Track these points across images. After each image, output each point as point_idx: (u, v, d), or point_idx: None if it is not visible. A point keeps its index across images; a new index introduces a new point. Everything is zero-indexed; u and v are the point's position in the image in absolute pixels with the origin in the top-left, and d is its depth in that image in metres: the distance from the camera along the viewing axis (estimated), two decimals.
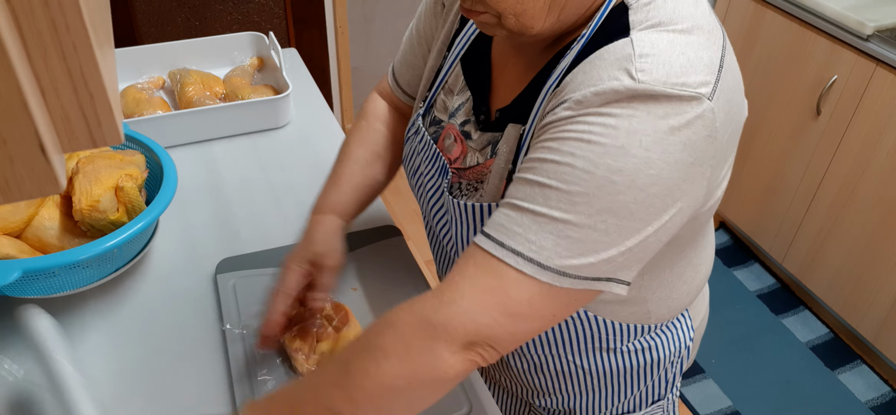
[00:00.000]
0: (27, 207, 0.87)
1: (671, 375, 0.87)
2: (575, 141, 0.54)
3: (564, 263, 0.55)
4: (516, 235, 0.56)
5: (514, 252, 0.55)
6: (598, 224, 0.54)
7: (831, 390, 1.98)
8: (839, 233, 2.03)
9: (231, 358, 0.83)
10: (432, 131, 0.78)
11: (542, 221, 0.55)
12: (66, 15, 0.26)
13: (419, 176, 0.79)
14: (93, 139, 0.30)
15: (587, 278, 0.56)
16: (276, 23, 2.57)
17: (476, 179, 0.71)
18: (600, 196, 0.53)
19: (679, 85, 0.53)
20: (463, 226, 0.70)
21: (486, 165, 0.69)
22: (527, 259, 0.55)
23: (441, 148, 0.76)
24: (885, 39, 1.81)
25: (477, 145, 0.72)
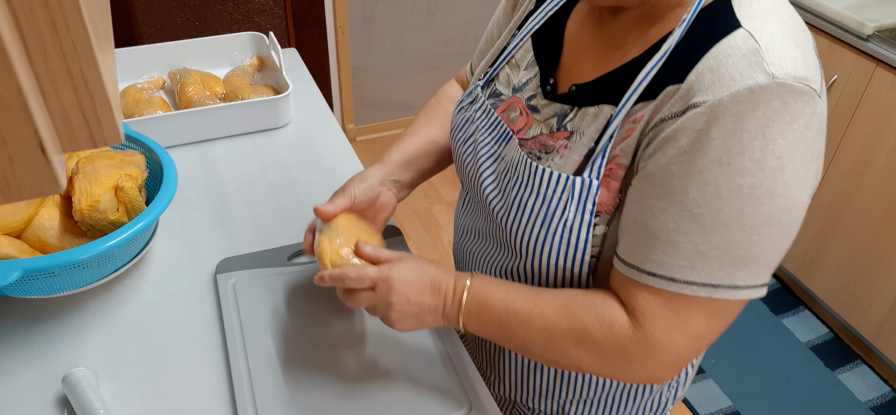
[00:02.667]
0: (27, 207, 0.87)
1: (665, 399, 0.87)
2: (716, 165, 0.55)
3: (731, 278, 0.58)
4: (683, 268, 0.59)
5: (687, 283, 0.59)
6: (752, 238, 0.57)
7: (831, 390, 1.98)
8: (839, 233, 2.03)
9: (231, 358, 0.83)
10: (491, 103, 0.78)
11: (703, 248, 0.57)
12: (66, 15, 0.26)
13: (472, 143, 0.79)
14: (93, 139, 0.30)
15: (750, 287, 0.60)
16: (276, 23, 2.57)
17: (539, 149, 0.70)
18: (748, 213, 0.56)
19: (804, 79, 0.54)
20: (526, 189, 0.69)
21: (552, 136, 0.69)
22: (700, 285, 0.59)
23: (502, 118, 0.76)
24: (885, 39, 1.81)
25: (543, 117, 0.71)
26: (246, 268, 0.96)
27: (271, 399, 0.78)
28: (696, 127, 0.55)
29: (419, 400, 0.79)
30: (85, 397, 0.76)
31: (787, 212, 0.57)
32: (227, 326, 0.87)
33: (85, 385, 0.77)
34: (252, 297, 0.92)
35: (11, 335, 0.87)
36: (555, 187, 0.66)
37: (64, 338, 0.88)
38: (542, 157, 0.69)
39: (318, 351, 0.85)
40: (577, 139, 0.67)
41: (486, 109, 0.78)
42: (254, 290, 0.93)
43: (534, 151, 0.71)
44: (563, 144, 0.68)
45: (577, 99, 0.68)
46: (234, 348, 0.84)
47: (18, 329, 0.88)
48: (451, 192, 2.67)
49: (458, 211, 0.91)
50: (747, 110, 0.53)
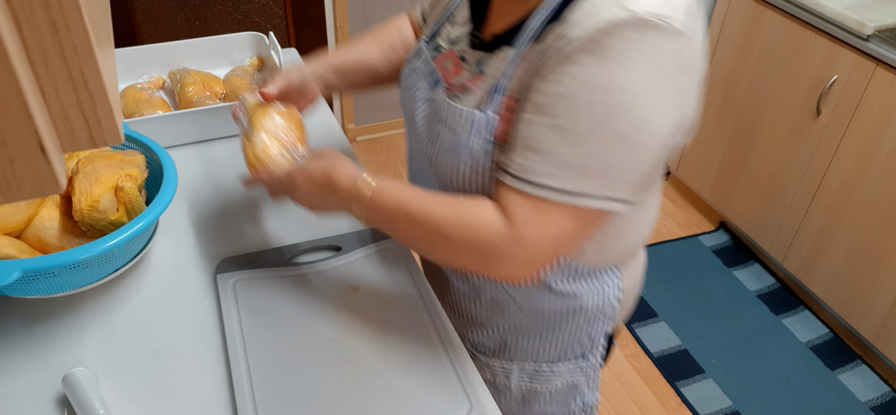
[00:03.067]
0: (27, 207, 0.87)
1: (595, 333, 0.95)
2: (581, 84, 0.64)
3: (586, 187, 0.67)
4: (547, 175, 0.68)
5: (550, 188, 0.68)
6: (605, 151, 0.65)
7: (831, 390, 1.98)
8: (839, 233, 2.03)
9: (231, 358, 0.83)
10: (432, 54, 0.88)
11: (565, 158, 0.66)
12: (66, 15, 0.26)
13: (413, 90, 0.89)
14: (93, 139, 0.30)
15: (604, 198, 0.68)
16: (275, 23, 2.57)
17: (460, 91, 0.81)
18: (604, 129, 0.65)
19: (663, 16, 0.62)
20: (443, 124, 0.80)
21: (472, 80, 0.79)
22: (561, 191, 0.67)
23: (439, 67, 0.86)
24: (885, 39, 1.81)
25: (469, 65, 0.81)
26: (246, 268, 0.96)
27: (271, 399, 0.78)
28: (568, 55, 0.65)
29: (419, 400, 0.80)
30: (85, 397, 0.76)
31: (641, 134, 0.65)
32: (227, 326, 0.87)
33: (85, 385, 0.77)
34: (252, 297, 0.92)
35: (11, 335, 0.87)
36: (462, 121, 0.77)
37: (64, 338, 0.88)
38: (459, 97, 0.80)
39: (318, 351, 0.85)
40: (486, 80, 0.77)
41: (426, 59, 0.88)
42: (254, 290, 0.93)
43: (456, 93, 0.81)
44: (478, 86, 0.78)
45: (494, 46, 0.78)
46: (234, 348, 0.84)
47: (18, 329, 0.88)
48: None
49: (407, 155, 1.01)
50: (608, 40, 0.62)
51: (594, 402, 1.03)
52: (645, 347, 2.09)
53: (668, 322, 2.17)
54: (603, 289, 0.90)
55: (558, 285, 0.88)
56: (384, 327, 0.88)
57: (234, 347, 0.85)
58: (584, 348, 0.96)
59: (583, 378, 0.99)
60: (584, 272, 0.87)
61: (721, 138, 2.41)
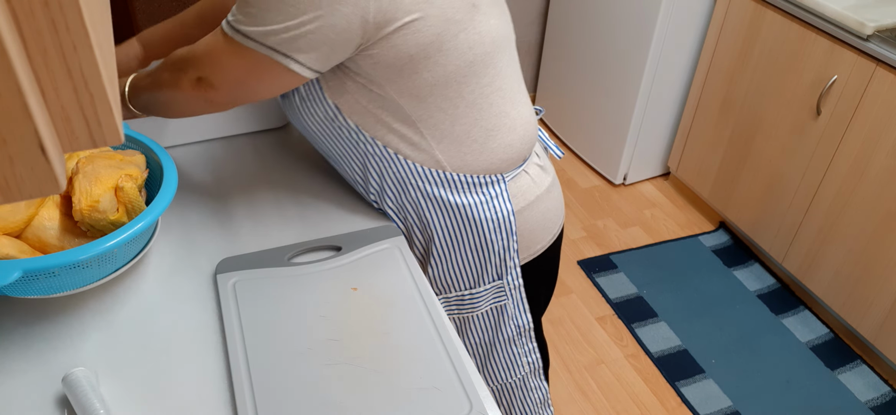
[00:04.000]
0: (27, 207, 0.87)
1: (500, 249, 1.05)
2: None
3: (246, 28, 0.82)
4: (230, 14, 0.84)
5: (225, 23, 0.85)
6: (270, 4, 0.79)
7: (831, 390, 1.98)
8: (839, 233, 2.03)
9: (231, 358, 0.83)
10: None
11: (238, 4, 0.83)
12: (66, 15, 0.26)
13: None
14: (93, 139, 0.30)
15: (264, 46, 0.82)
16: None
17: None
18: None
19: None
20: None
21: None
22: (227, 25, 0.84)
23: None
24: (885, 39, 1.81)
25: None
26: (246, 268, 0.96)
27: (271, 399, 0.78)
28: None
29: (419, 400, 0.80)
30: (85, 397, 0.76)
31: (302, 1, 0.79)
32: (227, 326, 0.87)
33: (85, 385, 0.77)
34: (252, 297, 0.92)
35: (11, 335, 0.87)
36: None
37: (64, 338, 0.88)
38: None
39: (317, 351, 0.85)
40: None
41: None
42: (254, 290, 0.93)
43: None
44: None
45: None
46: (234, 348, 0.84)
47: (18, 329, 0.88)
48: None
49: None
50: None
51: (526, 324, 1.15)
52: (645, 347, 2.09)
53: (668, 322, 2.17)
54: (492, 201, 1.01)
55: (447, 197, 1.00)
56: (384, 327, 0.88)
57: (234, 347, 0.85)
58: (496, 268, 1.06)
59: (507, 298, 1.10)
60: (464, 183, 0.99)
61: (721, 138, 2.41)
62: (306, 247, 1.01)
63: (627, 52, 2.49)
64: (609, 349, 2.09)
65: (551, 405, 1.31)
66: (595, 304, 2.24)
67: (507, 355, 1.17)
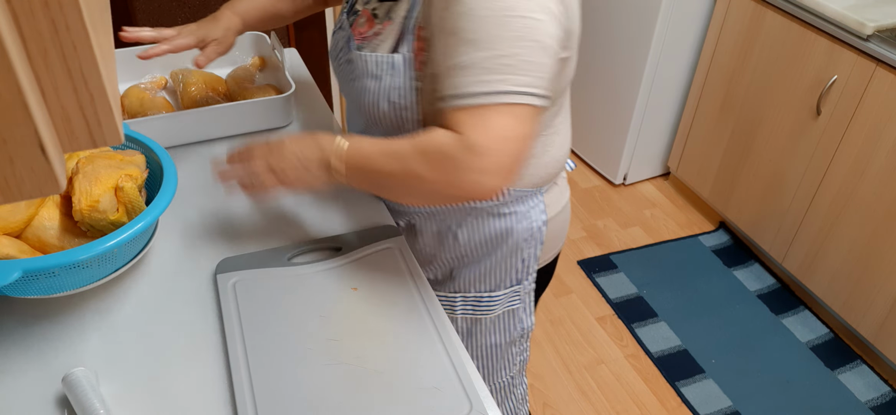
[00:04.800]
0: (27, 207, 0.87)
1: (527, 258, 1.05)
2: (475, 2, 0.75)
3: (509, 84, 0.75)
4: (475, 84, 0.75)
5: (481, 94, 0.75)
6: (514, 49, 0.74)
7: (831, 390, 1.98)
8: (839, 233, 2.03)
9: (231, 358, 0.83)
10: (350, 20, 0.97)
11: (484, 64, 0.75)
12: (66, 15, 0.26)
13: (337, 59, 0.99)
14: (93, 139, 0.30)
15: (527, 92, 0.76)
16: None
17: (375, 37, 0.90)
18: (506, 29, 0.74)
19: None
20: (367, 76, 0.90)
21: (382, 28, 0.89)
22: (491, 93, 0.75)
23: (355, 30, 0.95)
24: (885, 39, 1.81)
25: (380, 16, 0.91)
26: (246, 268, 0.96)
27: (271, 399, 0.78)
28: None
29: (419, 400, 0.80)
30: (85, 397, 0.76)
31: (534, 31, 0.75)
32: (227, 326, 0.87)
33: (85, 385, 0.77)
34: (252, 297, 0.92)
35: (11, 335, 0.87)
36: (383, 67, 0.87)
37: (64, 338, 0.88)
38: (372, 45, 0.90)
39: (317, 351, 0.85)
40: (394, 23, 0.87)
41: (346, 29, 0.97)
42: (254, 290, 0.93)
43: (368, 42, 0.90)
44: (386, 31, 0.88)
45: None
46: (234, 348, 0.84)
47: (18, 329, 0.88)
48: None
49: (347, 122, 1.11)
50: None
51: (530, 326, 1.15)
52: (645, 347, 2.09)
53: (668, 322, 2.17)
54: (529, 213, 1.02)
55: (492, 211, 1.00)
56: (384, 327, 0.88)
57: (234, 347, 0.85)
58: (518, 273, 1.07)
59: (520, 303, 1.11)
60: (511, 197, 1.00)
61: (721, 138, 2.41)
62: (306, 247, 1.01)
63: (627, 52, 2.49)
64: (609, 349, 2.09)
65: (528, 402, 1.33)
66: (595, 304, 2.24)
67: (508, 355, 1.17)
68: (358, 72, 0.91)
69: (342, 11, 1.01)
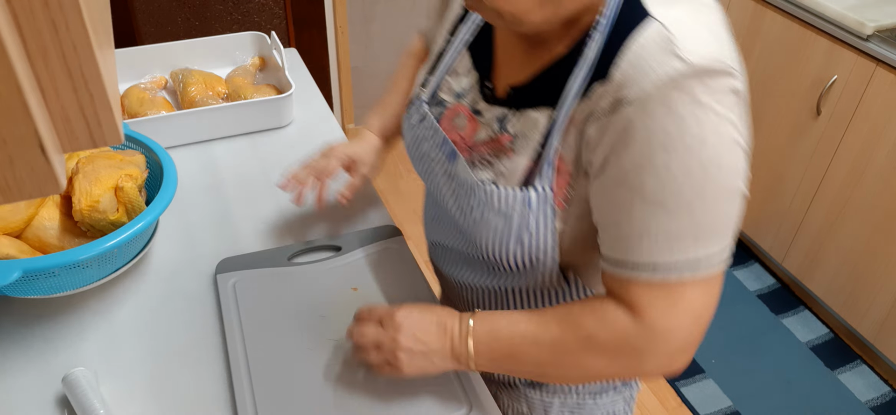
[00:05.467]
0: (27, 207, 0.87)
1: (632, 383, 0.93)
2: (660, 150, 0.58)
3: (707, 250, 0.61)
4: (662, 253, 0.62)
5: (670, 267, 0.62)
6: (716, 209, 0.61)
7: (831, 390, 1.98)
8: (839, 233, 2.03)
9: (231, 358, 0.83)
10: (436, 112, 0.81)
11: (676, 231, 0.61)
12: (66, 15, 0.26)
13: (426, 162, 0.82)
14: (93, 139, 0.30)
15: (724, 255, 0.63)
16: (276, 23, 2.57)
17: (490, 153, 0.73)
18: (706, 187, 0.60)
19: (718, 59, 0.58)
20: (488, 210, 0.72)
21: (499, 140, 0.72)
22: (683, 265, 0.62)
23: (449, 127, 0.79)
24: (885, 39, 1.81)
25: (486, 120, 0.74)
26: (246, 268, 0.96)
27: (271, 399, 0.78)
28: (633, 121, 0.59)
29: (419, 400, 0.80)
30: (85, 397, 0.76)
31: (735, 179, 0.61)
32: (227, 326, 0.87)
33: (85, 385, 0.77)
34: (252, 297, 0.92)
35: (11, 335, 0.87)
36: (516, 205, 0.69)
37: (64, 338, 0.88)
38: (492, 162, 0.72)
39: (317, 351, 0.85)
40: (522, 144, 0.70)
41: (432, 125, 0.80)
42: (254, 290, 0.93)
43: (484, 155, 0.73)
44: (510, 148, 0.71)
45: (515, 101, 0.71)
46: (234, 348, 0.84)
47: (18, 329, 0.88)
48: None
49: (427, 223, 0.93)
50: (673, 96, 0.57)
51: None
52: None
53: None
54: None
55: None
56: None
57: (234, 347, 0.85)
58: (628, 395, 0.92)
59: (623, 406, 0.94)
60: None
61: None
62: (306, 247, 1.01)
63: None
64: None
65: None
66: None
67: None
68: (474, 199, 0.73)
69: (418, 96, 0.83)
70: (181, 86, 1.32)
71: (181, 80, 1.33)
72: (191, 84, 1.31)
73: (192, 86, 1.31)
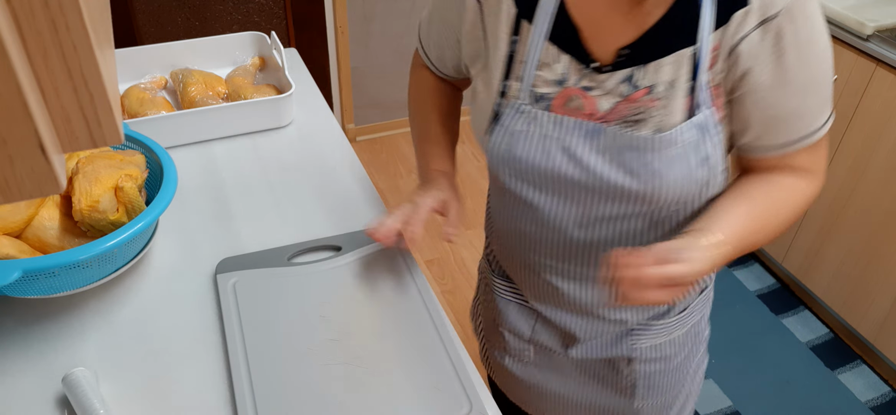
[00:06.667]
0: (27, 207, 0.87)
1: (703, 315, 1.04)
2: (804, 45, 0.73)
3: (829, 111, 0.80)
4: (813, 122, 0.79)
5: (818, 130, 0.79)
6: (830, 82, 0.78)
7: (831, 390, 1.98)
8: (839, 233, 2.03)
9: (231, 358, 0.83)
10: (543, 106, 0.81)
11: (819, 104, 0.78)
12: (66, 15, 0.26)
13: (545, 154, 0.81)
14: (93, 139, 0.30)
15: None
16: (275, 23, 2.57)
17: (632, 113, 0.77)
18: (827, 67, 0.77)
19: None
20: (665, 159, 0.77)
21: (634, 98, 0.77)
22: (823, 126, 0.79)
23: (569, 112, 0.80)
24: (885, 39, 1.81)
25: (605, 90, 0.78)
26: (246, 268, 0.96)
27: (271, 399, 0.78)
28: (782, 29, 0.72)
29: (419, 400, 0.80)
30: (85, 397, 0.76)
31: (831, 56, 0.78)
32: (227, 326, 0.87)
33: (85, 385, 0.78)
34: (252, 297, 0.92)
35: (11, 335, 0.87)
36: (690, 138, 0.77)
37: (64, 338, 0.88)
38: (641, 119, 0.77)
39: (317, 351, 0.85)
40: (666, 89, 0.76)
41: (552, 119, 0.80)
42: (254, 290, 0.93)
43: (627, 118, 0.78)
44: (653, 99, 0.76)
45: (635, 59, 0.76)
46: (234, 348, 0.84)
47: (18, 329, 0.88)
48: None
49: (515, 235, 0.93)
50: (807, 3, 0.72)
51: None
52: None
53: None
54: None
55: None
56: (384, 327, 0.88)
57: (234, 347, 0.85)
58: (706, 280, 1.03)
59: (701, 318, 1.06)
60: None
61: None
62: (306, 247, 1.01)
63: None
64: None
65: None
66: None
67: None
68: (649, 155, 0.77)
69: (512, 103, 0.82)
70: (181, 86, 1.32)
71: (181, 80, 1.33)
72: (191, 84, 1.31)
73: (192, 86, 1.31)
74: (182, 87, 1.32)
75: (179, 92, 1.33)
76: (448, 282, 2.29)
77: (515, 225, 0.92)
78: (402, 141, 3.02)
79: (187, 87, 1.31)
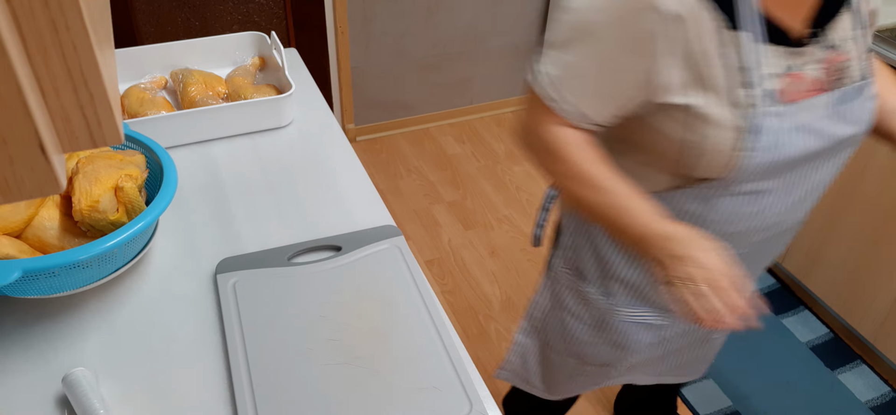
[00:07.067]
0: (27, 207, 0.87)
1: None
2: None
3: None
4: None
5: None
6: None
7: (831, 390, 1.98)
8: (839, 233, 2.03)
9: (231, 358, 0.83)
10: (783, 100, 0.86)
11: None
12: (66, 15, 0.26)
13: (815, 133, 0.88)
14: (93, 139, 0.30)
15: None
16: (275, 23, 2.57)
17: (838, 73, 0.89)
18: None
19: None
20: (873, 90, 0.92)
21: (836, 60, 0.88)
22: None
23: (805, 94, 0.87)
24: (886, 39, 1.81)
25: (814, 58, 0.87)
26: (246, 268, 0.96)
27: (271, 399, 0.79)
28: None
29: (419, 400, 0.80)
30: (85, 397, 0.76)
31: None
32: (227, 326, 0.87)
33: (85, 385, 0.78)
34: (252, 297, 0.92)
35: (11, 335, 0.87)
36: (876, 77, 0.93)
37: (64, 338, 0.88)
38: (842, 78, 0.89)
39: (317, 351, 0.85)
40: (848, 44, 0.88)
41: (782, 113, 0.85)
42: (254, 290, 0.93)
43: (837, 78, 0.89)
44: (842, 54, 0.88)
45: (821, 22, 0.86)
46: (234, 348, 0.84)
47: (18, 329, 0.88)
48: (450, 192, 2.67)
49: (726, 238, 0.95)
50: None
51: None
52: None
53: None
54: None
55: None
56: (384, 327, 0.88)
57: (234, 347, 0.85)
58: None
59: None
60: None
61: None
62: (306, 247, 1.01)
63: None
64: None
65: None
66: None
67: None
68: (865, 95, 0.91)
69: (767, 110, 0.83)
70: (181, 86, 1.32)
71: (181, 80, 1.33)
72: (191, 84, 1.32)
73: (192, 86, 1.31)
74: (182, 88, 1.32)
75: (179, 92, 1.33)
76: (448, 282, 2.29)
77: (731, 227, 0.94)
78: (402, 141, 3.02)
79: (187, 88, 1.31)
